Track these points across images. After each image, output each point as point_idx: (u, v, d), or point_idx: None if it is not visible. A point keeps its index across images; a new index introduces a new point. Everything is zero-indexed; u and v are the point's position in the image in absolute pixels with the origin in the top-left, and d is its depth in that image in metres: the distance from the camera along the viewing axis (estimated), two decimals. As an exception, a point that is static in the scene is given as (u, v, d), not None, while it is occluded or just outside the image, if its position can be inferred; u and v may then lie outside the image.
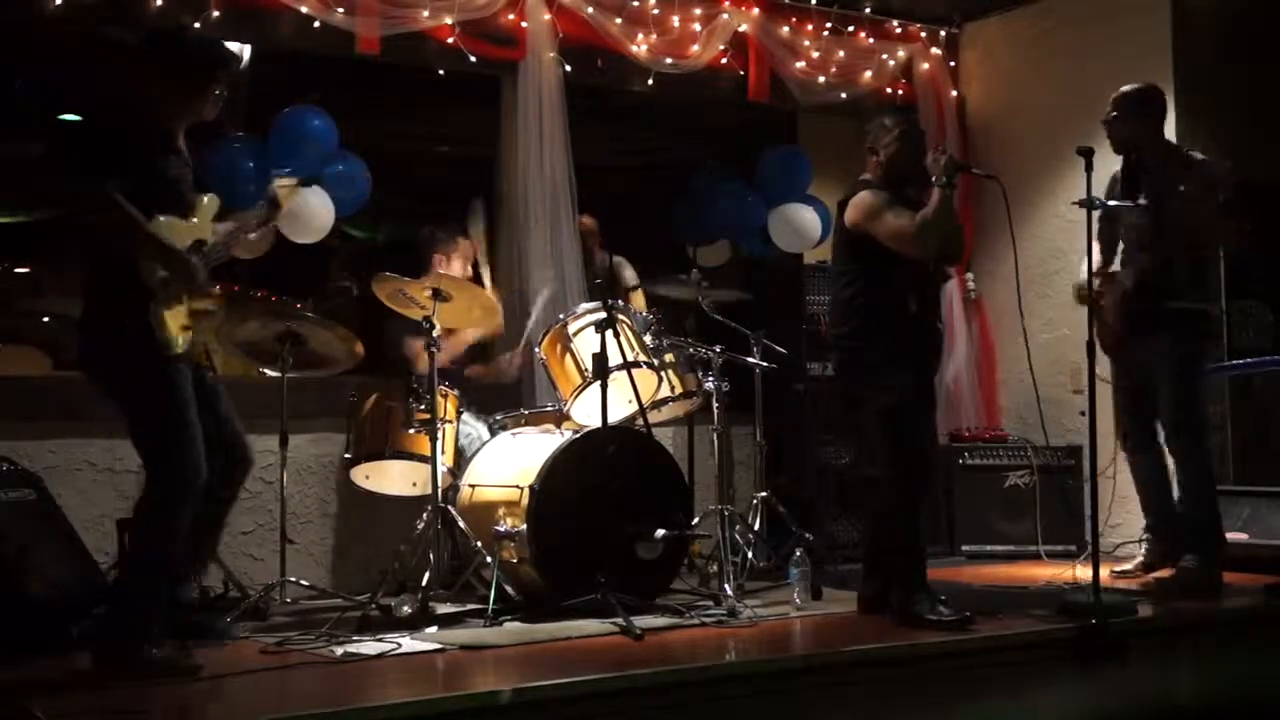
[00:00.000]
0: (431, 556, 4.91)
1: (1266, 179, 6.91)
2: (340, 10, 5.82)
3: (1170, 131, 6.71)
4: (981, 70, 7.75)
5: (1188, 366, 5.47)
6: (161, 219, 4.05)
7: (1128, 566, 5.84)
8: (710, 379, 5.70)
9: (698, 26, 6.77)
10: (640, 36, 6.58)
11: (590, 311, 5.33)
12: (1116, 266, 5.65)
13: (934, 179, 4.74)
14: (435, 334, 5.02)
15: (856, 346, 4.89)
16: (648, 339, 5.45)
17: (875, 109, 5.33)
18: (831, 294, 5.14)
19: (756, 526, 5.93)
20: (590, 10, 6.42)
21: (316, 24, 5.81)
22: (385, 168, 6.46)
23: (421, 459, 5.17)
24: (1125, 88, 5.66)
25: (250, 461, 4.53)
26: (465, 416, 5.63)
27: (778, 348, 6.02)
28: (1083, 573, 5.29)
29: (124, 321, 3.99)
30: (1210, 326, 5.70)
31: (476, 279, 5.89)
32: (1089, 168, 4.91)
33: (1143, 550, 5.87)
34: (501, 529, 4.95)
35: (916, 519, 4.83)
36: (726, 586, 5.11)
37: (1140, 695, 4.50)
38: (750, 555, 5.72)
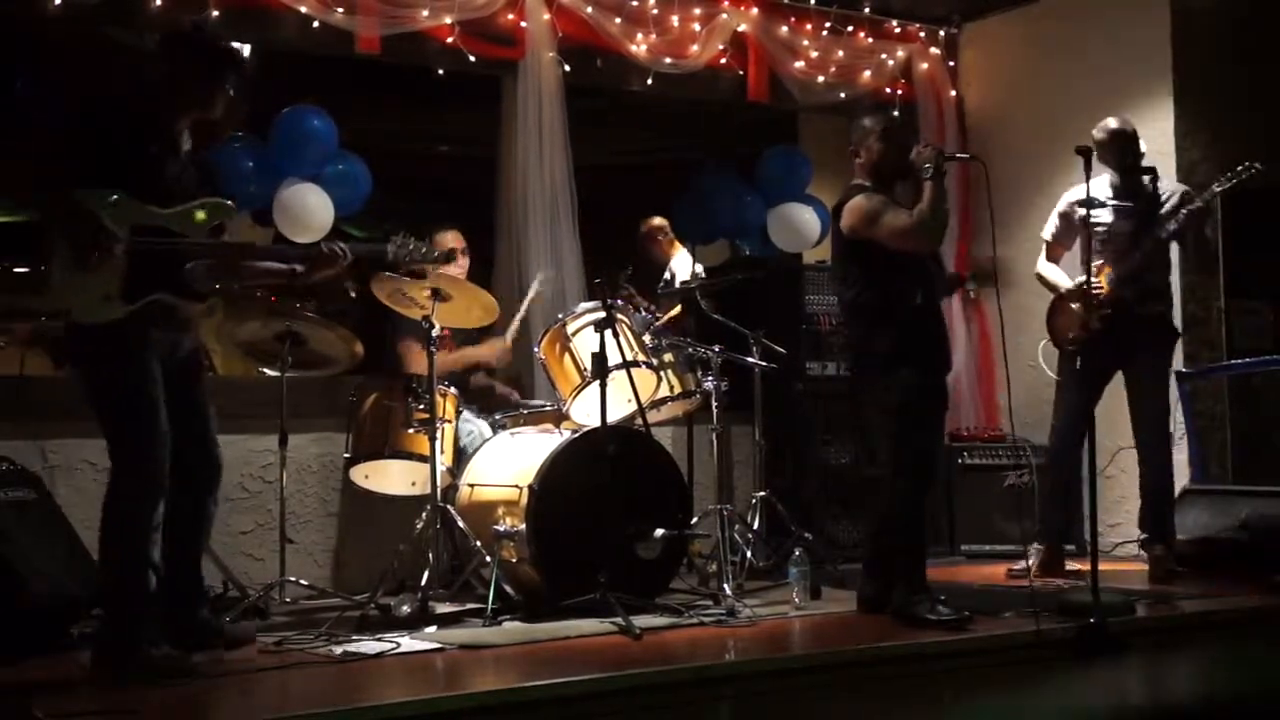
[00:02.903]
0: (431, 556, 4.91)
1: (1265, 179, 6.91)
2: (340, 10, 5.83)
3: (1169, 131, 6.75)
4: (981, 70, 7.75)
5: (1165, 368, 5.88)
6: (114, 195, 3.95)
7: (1019, 566, 5.87)
8: (709, 379, 5.71)
9: (697, 26, 6.77)
10: (639, 36, 6.59)
11: (589, 311, 5.33)
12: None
13: (921, 172, 4.75)
14: (435, 334, 5.02)
15: (864, 346, 4.88)
16: (647, 338, 5.46)
17: (861, 110, 5.32)
18: (836, 296, 5.15)
19: (756, 526, 5.93)
20: (589, 10, 6.43)
21: (316, 24, 5.81)
22: (385, 167, 6.47)
23: (421, 459, 5.17)
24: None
25: (218, 469, 4.31)
26: (466, 414, 5.63)
27: (777, 347, 6.02)
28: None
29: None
30: (1175, 331, 6.03)
31: None
32: (1088, 167, 4.93)
33: (1035, 551, 5.90)
34: (501, 529, 4.95)
35: (919, 519, 4.83)
36: (726, 586, 5.11)
37: (1139, 694, 4.50)
38: (749, 555, 5.72)
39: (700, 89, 7.02)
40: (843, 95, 7.24)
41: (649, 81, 6.73)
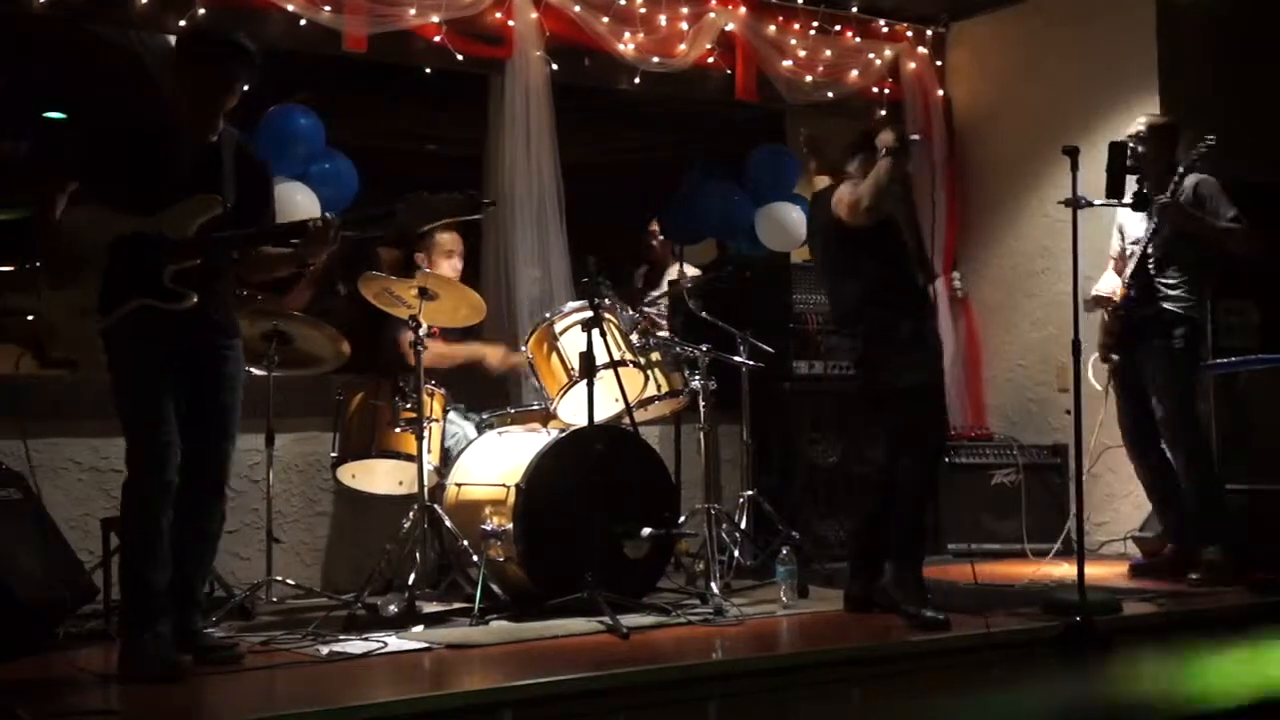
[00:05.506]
0: (418, 555, 4.90)
1: (1252, 178, 6.93)
2: (327, 9, 5.82)
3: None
4: (968, 70, 7.76)
5: (1178, 369, 5.70)
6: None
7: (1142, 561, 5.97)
8: (697, 378, 5.71)
9: (685, 25, 6.77)
10: (627, 35, 6.58)
11: (577, 310, 5.33)
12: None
13: (882, 150, 4.78)
14: (422, 332, 5.01)
15: (884, 330, 4.87)
16: (634, 338, 5.46)
17: (865, 115, 5.34)
18: (834, 292, 5.12)
19: (743, 525, 5.93)
20: (577, 9, 6.42)
21: (303, 22, 5.80)
22: (372, 166, 6.46)
23: (408, 458, 5.17)
24: (1155, 118, 5.90)
25: (214, 479, 4.18)
26: (452, 415, 5.62)
27: (764, 346, 6.02)
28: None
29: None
30: (1197, 330, 5.84)
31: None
32: (1075, 167, 4.94)
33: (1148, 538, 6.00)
34: (488, 528, 4.95)
35: (924, 503, 4.91)
36: (713, 585, 5.11)
37: (1125, 692, 4.51)
38: (737, 554, 5.73)
39: (688, 88, 7.01)
40: (830, 94, 7.25)
41: (637, 80, 6.72)
